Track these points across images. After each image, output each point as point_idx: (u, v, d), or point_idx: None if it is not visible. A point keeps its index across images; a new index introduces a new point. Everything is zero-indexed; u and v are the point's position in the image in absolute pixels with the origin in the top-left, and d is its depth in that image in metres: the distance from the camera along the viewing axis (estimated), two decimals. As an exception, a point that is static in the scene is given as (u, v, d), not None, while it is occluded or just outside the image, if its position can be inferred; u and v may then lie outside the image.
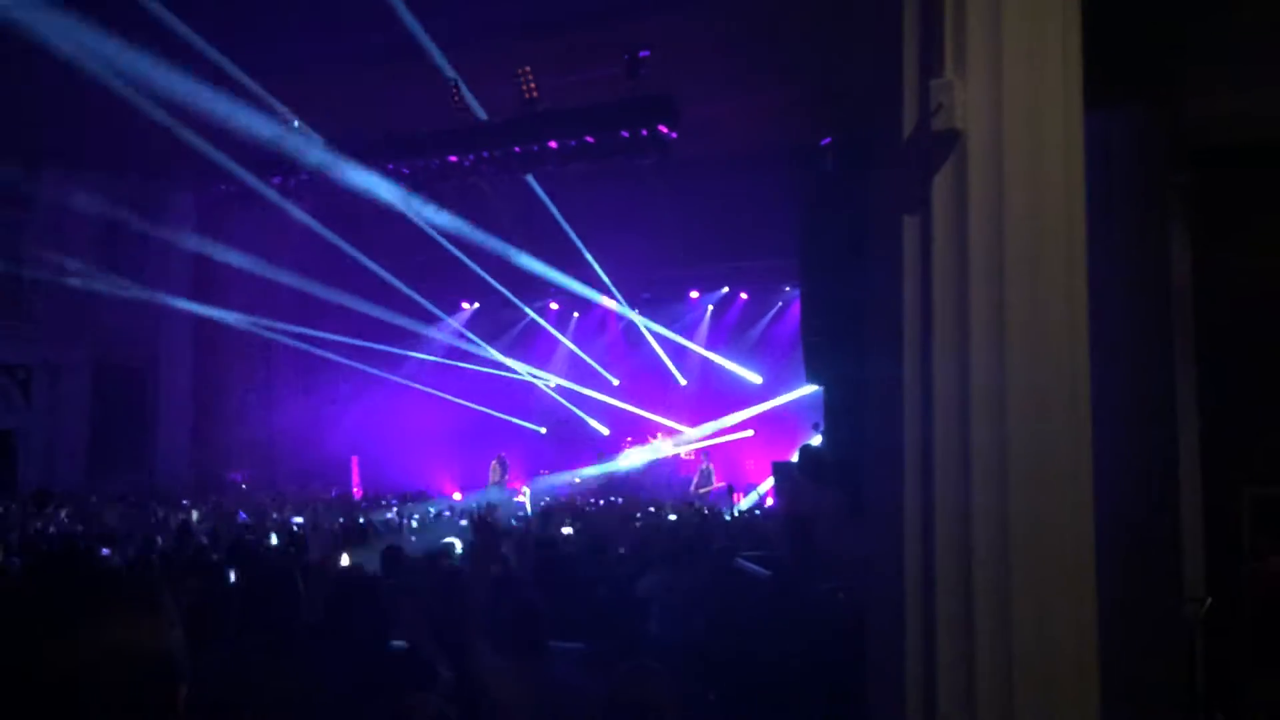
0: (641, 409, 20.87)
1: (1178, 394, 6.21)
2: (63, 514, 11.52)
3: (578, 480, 19.86)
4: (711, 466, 19.42)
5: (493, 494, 18.61)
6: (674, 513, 12.51)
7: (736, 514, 13.73)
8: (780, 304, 20.14)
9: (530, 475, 21.11)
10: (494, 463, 20.15)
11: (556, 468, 21.08)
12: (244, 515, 11.95)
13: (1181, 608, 5.97)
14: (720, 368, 20.77)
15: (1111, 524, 5.04)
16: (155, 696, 1.35)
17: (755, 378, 20.31)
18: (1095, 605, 2.33)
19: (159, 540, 8.67)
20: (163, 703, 1.36)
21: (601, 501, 16.29)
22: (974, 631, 2.18)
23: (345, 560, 6.65)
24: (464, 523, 10.78)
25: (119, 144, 16.21)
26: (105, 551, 7.43)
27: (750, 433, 20.06)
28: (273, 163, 16.18)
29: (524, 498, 17.60)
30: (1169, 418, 5.54)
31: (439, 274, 19.60)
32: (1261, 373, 8.14)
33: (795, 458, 10.17)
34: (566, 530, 9.23)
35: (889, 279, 2.36)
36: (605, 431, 21.59)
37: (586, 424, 21.60)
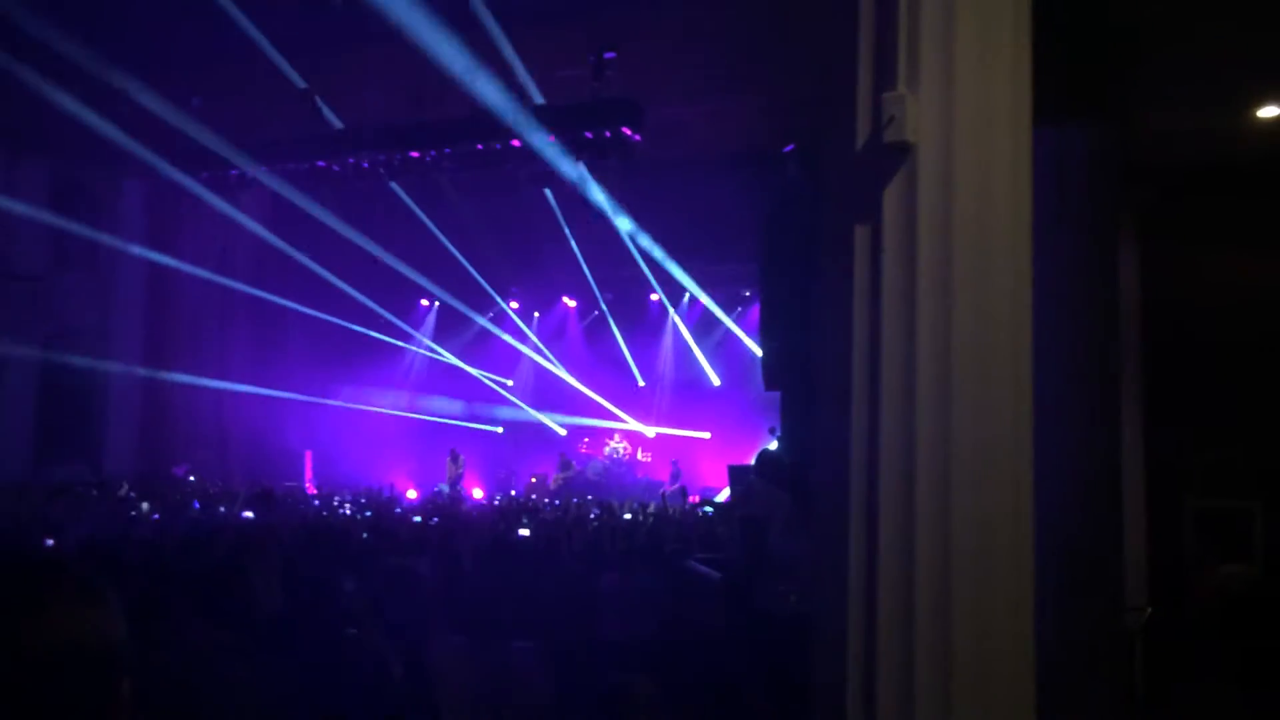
0: (603, 407, 20.93)
1: (1123, 406, 6.36)
2: None
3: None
4: (680, 468, 19.48)
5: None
6: (628, 513, 12.55)
7: (705, 511, 13.79)
8: (740, 309, 20.28)
9: (488, 474, 21.05)
10: (449, 458, 19.98)
11: (515, 468, 21.02)
12: (197, 504, 11.80)
13: (1122, 616, 6.11)
14: (679, 370, 20.87)
15: (1055, 533, 5.16)
16: (97, 691, 1.33)
17: (714, 379, 20.43)
18: (1032, 609, 2.39)
19: (105, 530, 8.54)
20: (105, 697, 1.34)
21: (558, 501, 16.29)
22: (914, 634, 2.24)
23: None
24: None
25: (65, 132, 15.94)
26: (49, 541, 7.30)
27: (707, 435, 20.17)
28: (216, 158, 15.96)
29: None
30: (1113, 430, 5.67)
31: (397, 272, 19.51)
32: (1206, 387, 8.34)
33: (753, 461, 10.23)
34: (523, 531, 9.21)
35: (840, 287, 2.41)
36: (563, 432, 21.60)
37: (544, 426, 21.59)
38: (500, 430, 21.88)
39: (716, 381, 20.42)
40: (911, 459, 2.29)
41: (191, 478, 17.04)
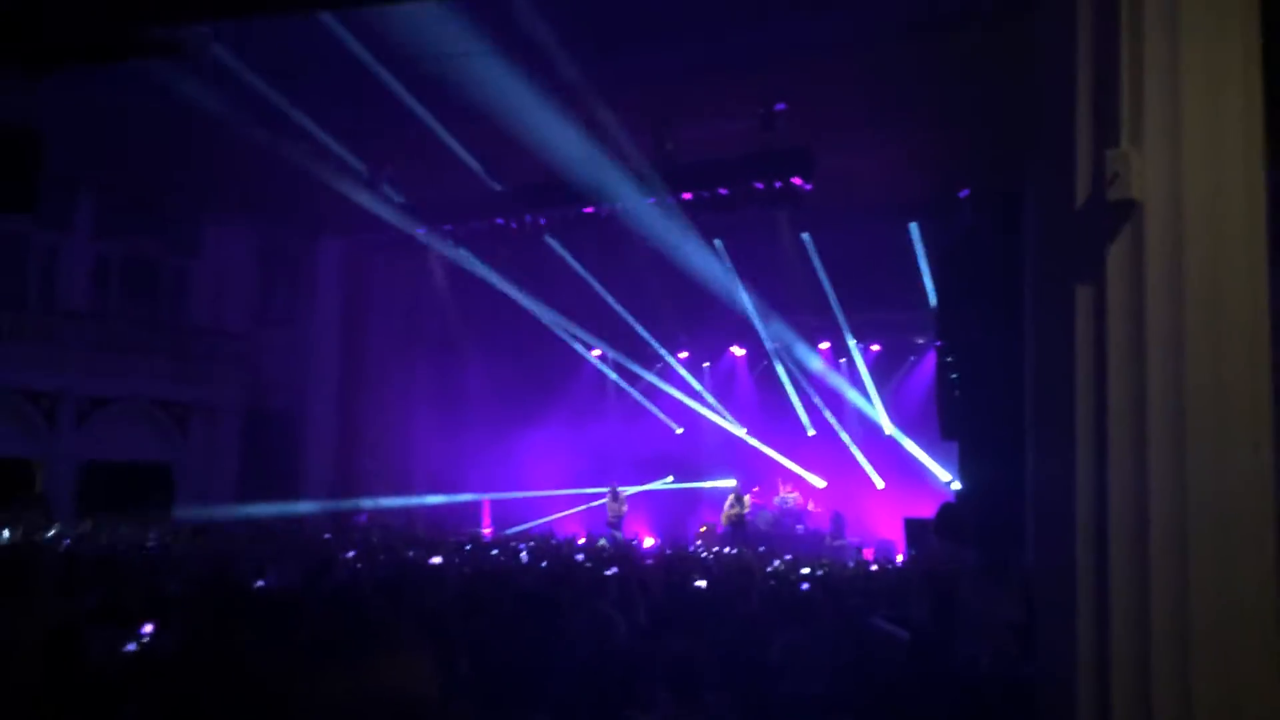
0: (772, 456, 20.80)
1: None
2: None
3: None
4: (843, 520, 19.07)
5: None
6: (805, 566, 12.33)
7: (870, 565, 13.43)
8: (914, 357, 19.85)
9: (655, 520, 21.14)
10: (609, 496, 19.93)
11: (683, 517, 21.03)
12: (383, 557, 12.28)
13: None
14: (850, 418, 20.52)
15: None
16: None
17: (887, 427, 19.99)
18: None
19: (306, 573, 8.98)
20: None
21: (732, 550, 16.17)
22: (1151, 712, 2.12)
23: None
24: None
25: (271, 194, 17.24)
26: (260, 582, 7.72)
27: (880, 484, 19.72)
28: (419, 213, 16.95)
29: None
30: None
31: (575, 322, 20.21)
32: None
33: (934, 519, 9.92)
34: (700, 583, 9.17)
35: (1059, 350, 2.33)
36: (732, 483, 21.47)
37: (714, 473, 21.56)
38: (670, 479, 21.95)
39: (889, 430, 19.95)
40: (1144, 518, 2.18)
41: (374, 536, 17.79)
